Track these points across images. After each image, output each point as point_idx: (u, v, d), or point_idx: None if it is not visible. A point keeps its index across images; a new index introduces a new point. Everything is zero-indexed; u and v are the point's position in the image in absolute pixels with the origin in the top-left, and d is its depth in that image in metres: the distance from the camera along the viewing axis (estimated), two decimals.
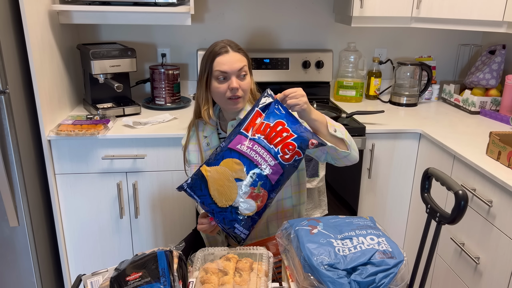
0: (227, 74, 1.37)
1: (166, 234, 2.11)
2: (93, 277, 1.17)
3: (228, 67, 1.36)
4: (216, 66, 1.38)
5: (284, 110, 1.28)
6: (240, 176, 1.23)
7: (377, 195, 2.22)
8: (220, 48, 1.38)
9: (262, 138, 1.25)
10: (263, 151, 1.24)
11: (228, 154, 1.25)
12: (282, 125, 1.26)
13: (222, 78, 1.38)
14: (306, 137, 1.26)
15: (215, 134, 1.50)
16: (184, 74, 2.54)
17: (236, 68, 1.37)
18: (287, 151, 1.24)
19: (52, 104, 1.93)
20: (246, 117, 1.30)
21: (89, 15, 1.98)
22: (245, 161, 1.24)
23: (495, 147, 1.71)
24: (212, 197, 1.25)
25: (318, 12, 2.54)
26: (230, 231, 1.26)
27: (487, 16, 2.07)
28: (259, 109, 1.29)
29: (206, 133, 1.51)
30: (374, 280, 0.97)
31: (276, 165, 1.24)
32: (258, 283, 1.09)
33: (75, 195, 1.98)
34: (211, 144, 1.49)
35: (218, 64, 1.37)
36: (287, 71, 2.49)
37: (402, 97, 2.49)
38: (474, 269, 1.73)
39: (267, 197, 1.25)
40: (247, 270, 1.13)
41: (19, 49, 1.75)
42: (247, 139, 1.25)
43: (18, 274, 1.87)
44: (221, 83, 1.38)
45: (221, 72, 1.37)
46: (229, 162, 1.25)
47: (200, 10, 2.44)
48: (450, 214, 1.14)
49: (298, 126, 1.26)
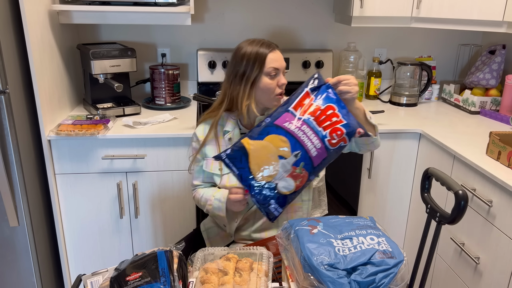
0: (278, 71, 1.43)
1: (166, 234, 2.11)
2: (93, 277, 1.17)
3: (279, 64, 1.43)
4: (269, 63, 1.41)
5: (335, 95, 1.28)
6: (283, 154, 1.23)
7: (377, 195, 2.22)
8: (269, 45, 1.44)
9: (311, 119, 1.25)
10: (311, 133, 1.23)
11: (274, 130, 1.25)
12: (332, 109, 1.26)
13: (274, 74, 1.42)
14: (354, 125, 1.27)
15: (237, 129, 1.51)
16: (184, 74, 2.54)
17: (284, 65, 1.45)
18: (335, 136, 1.24)
19: (52, 104, 1.93)
20: (294, 96, 1.30)
21: (89, 15, 1.98)
22: (291, 139, 1.23)
23: (495, 147, 1.71)
24: (251, 170, 1.24)
25: (318, 12, 2.54)
26: (263, 207, 1.26)
27: (487, 16, 2.07)
28: (309, 90, 1.29)
29: (228, 128, 1.51)
30: (374, 280, 0.97)
31: (321, 148, 1.23)
32: (258, 283, 1.09)
33: (75, 195, 1.98)
34: (234, 139, 1.49)
35: (272, 61, 1.41)
36: (287, 71, 2.49)
37: (402, 97, 2.49)
38: (474, 269, 1.73)
39: (306, 179, 1.25)
40: (247, 270, 1.13)
41: (19, 49, 1.75)
42: (295, 118, 1.25)
43: (18, 274, 1.87)
44: (272, 79, 1.43)
45: (274, 69, 1.42)
46: (275, 138, 1.24)
47: (200, 10, 2.44)
48: (450, 214, 1.14)
49: (347, 113, 1.27)
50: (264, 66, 1.41)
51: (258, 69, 1.42)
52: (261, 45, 1.43)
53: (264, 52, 1.42)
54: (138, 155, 1.95)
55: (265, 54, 1.42)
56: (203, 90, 2.47)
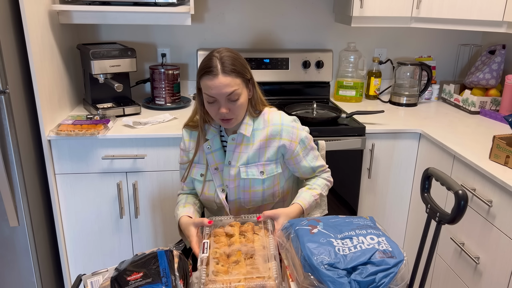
0: (215, 99, 1.31)
1: (166, 234, 2.11)
2: (93, 277, 1.17)
3: (215, 92, 1.29)
4: (204, 88, 1.31)
5: None
6: None
7: (377, 195, 2.22)
8: (210, 68, 1.28)
9: None
10: None
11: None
12: None
13: (211, 101, 1.31)
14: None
15: (217, 137, 1.44)
16: (184, 74, 2.54)
17: (225, 93, 1.28)
18: None
19: (52, 104, 1.93)
20: None
21: (89, 15, 1.98)
22: None
23: (501, 152, 1.67)
24: None
25: (318, 12, 2.54)
26: None
27: (487, 16, 2.07)
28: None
29: (208, 136, 1.44)
30: (374, 279, 0.97)
31: None
32: (265, 239, 1.21)
33: (75, 195, 1.98)
34: (213, 147, 1.43)
35: (206, 87, 1.30)
36: (287, 71, 2.49)
37: (402, 97, 2.49)
38: (474, 269, 1.73)
39: None
40: (250, 231, 1.25)
41: (19, 49, 1.75)
42: None
43: (18, 274, 1.87)
44: (211, 105, 1.33)
45: (209, 96, 1.30)
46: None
47: (200, 10, 2.44)
48: (450, 214, 1.14)
49: None
50: (200, 85, 1.33)
51: (198, 85, 1.35)
52: (206, 64, 1.30)
53: (202, 72, 1.30)
54: (138, 155, 1.95)
55: (201, 75, 1.30)
56: None
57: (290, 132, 1.42)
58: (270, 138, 1.41)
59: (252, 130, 1.41)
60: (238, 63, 1.32)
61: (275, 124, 1.41)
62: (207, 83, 1.29)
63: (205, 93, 1.31)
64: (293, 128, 1.42)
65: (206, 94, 1.31)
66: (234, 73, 1.29)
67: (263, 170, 1.41)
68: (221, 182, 1.44)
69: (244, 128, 1.40)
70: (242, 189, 1.43)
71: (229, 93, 1.29)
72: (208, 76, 1.28)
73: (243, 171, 1.40)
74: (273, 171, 1.42)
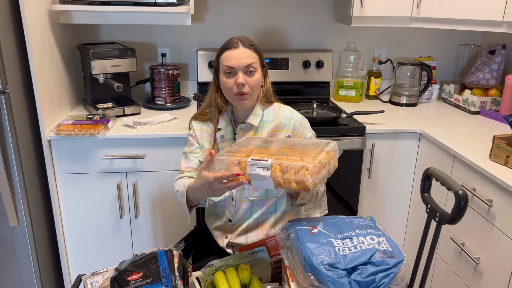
0: (234, 69, 1.37)
1: (166, 234, 2.11)
2: (93, 277, 1.17)
3: (235, 62, 1.36)
4: (224, 60, 1.38)
5: None
6: None
7: (377, 195, 2.22)
8: (231, 42, 1.39)
9: None
10: None
11: None
12: None
13: (229, 72, 1.38)
14: None
15: (230, 127, 1.50)
16: (184, 74, 2.54)
17: (244, 64, 1.36)
18: None
19: (52, 104, 1.93)
20: None
21: (89, 15, 1.98)
22: None
23: (501, 152, 1.68)
24: None
25: (318, 12, 2.54)
26: None
27: (487, 16, 2.07)
28: None
29: (221, 125, 1.49)
30: (374, 279, 0.97)
31: None
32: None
33: (75, 195, 1.98)
34: (226, 137, 1.48)
35: (226, 58, 1.37)
36: (287, 71, 2.49)
37: (402, 97, 2.49)
38: (474, 269, 1.73)
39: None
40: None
41: (19, 49, 1.75)
42: None
43: (18, 274, 1.87)
44: (228, 78, 1.38)
45: (228, 67, 1.37)
46: None
47: (200, 10, 2.44)
48: (450, 214, 1.14)
49: None
50: (219, 64, 1.41)
51: (216, 66, 1.43)
52: (227, 42, 1.41)
53: (222, 49, 1.40)
54: (138, 155, 1.95)
55: (222, 51, 1.40)
56: (203, 90, 2.47)
57: (297, 128, 1.47)
58: (278, 129, 1.46)
59: (261, 122, 1.46)
60: (256, 44, 1.44)
61: (285, 117, 1.47)
62: (227, 55, 1.38)
63: (225, 65, 1.37)
64: (301, 125, 1.48)
65: (225, 65, 1.37)
66: (253, 48, 1.41)
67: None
68: None
69: (252, 118, 1.45)
70: None
71: (247, 64, 1.36)
72: (229, 50, 1.38)
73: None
74: None
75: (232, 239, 1.50)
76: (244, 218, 1.49)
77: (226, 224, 1.52)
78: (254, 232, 1.49)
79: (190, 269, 1.18)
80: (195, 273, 1.29)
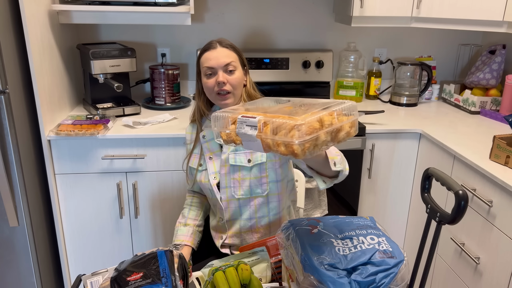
0: (214, 69, 1.39)
1: (166, 234, 2.11)
2: (93, 277, 1.17)
3: (214, 62, 1.38)
4: (203, 62, 1.40)
5: None
6: None
7: (377, 195, 2.22)
8: (209, 44, 1.41)
9: None
10: None
11: None
12: None
13: (210, 74, 1.40)
14: None
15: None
16: (184, 74, 2.54)
17: (222, 63, 1.38)
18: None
19: (52, 104, 1.93)
20: None
21: (89, 15, 1.98)
22: None
23: (501, 152, 1.68)
24: None
25: (318, 12, 2.54)
26: None
27: (487, 16, 2.07)
28: None
29: (205, 126, 1.53)
30: (374, 280, 0.97)
31: None
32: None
33: (75, 195, 1.98)
34: (207, 136, 1.50)
35: (205, 60, 1.40)
36: (287, 71, 2.49)
37: (402, 97, 2.49)
38: (474, 269, 1.73)
39: None
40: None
41: (19, 49, 1.75)
42: None
43: (18, 274, 1.87)
44: (209, 78, 1.40)
45: (208, 68, 1.39)
46: None
47: (200, 10, 2.44)
48: (450, 214, 1.14)
49: None
50: (200, 66, 1.43)
51: (198, 70, 1.45)
52: (206, 45, 1.43)
53: (201, 52, 1.42)
54: (138, 155, 1.95)
55: (201, 54, 1.42)
56: None
57: None
58: None
59: None
60: (234, 45, 1.45)
61: None
62: (206, 56, 1.40)
63: (204, 66, 1.39)
64: None
65: (205, 67, 1.39)
66: (232, 48, 1.42)
67: (250, 158, 1.44)
68: (214, 170, 1.49)
69: None
70: (232, 176, 1.45)
71: (226, 63, 1.38)
72: (207, 51, 1.40)
73: (231, 157, 1.44)
74: (258, 159, 1.44)
75: (227, 240, 1.51)
76: (234, 218, 1.50)
77: (219, 223, 1.54)
78: (248, 235, 1.51)
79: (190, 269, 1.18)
80: (195, 273, 1.29)
